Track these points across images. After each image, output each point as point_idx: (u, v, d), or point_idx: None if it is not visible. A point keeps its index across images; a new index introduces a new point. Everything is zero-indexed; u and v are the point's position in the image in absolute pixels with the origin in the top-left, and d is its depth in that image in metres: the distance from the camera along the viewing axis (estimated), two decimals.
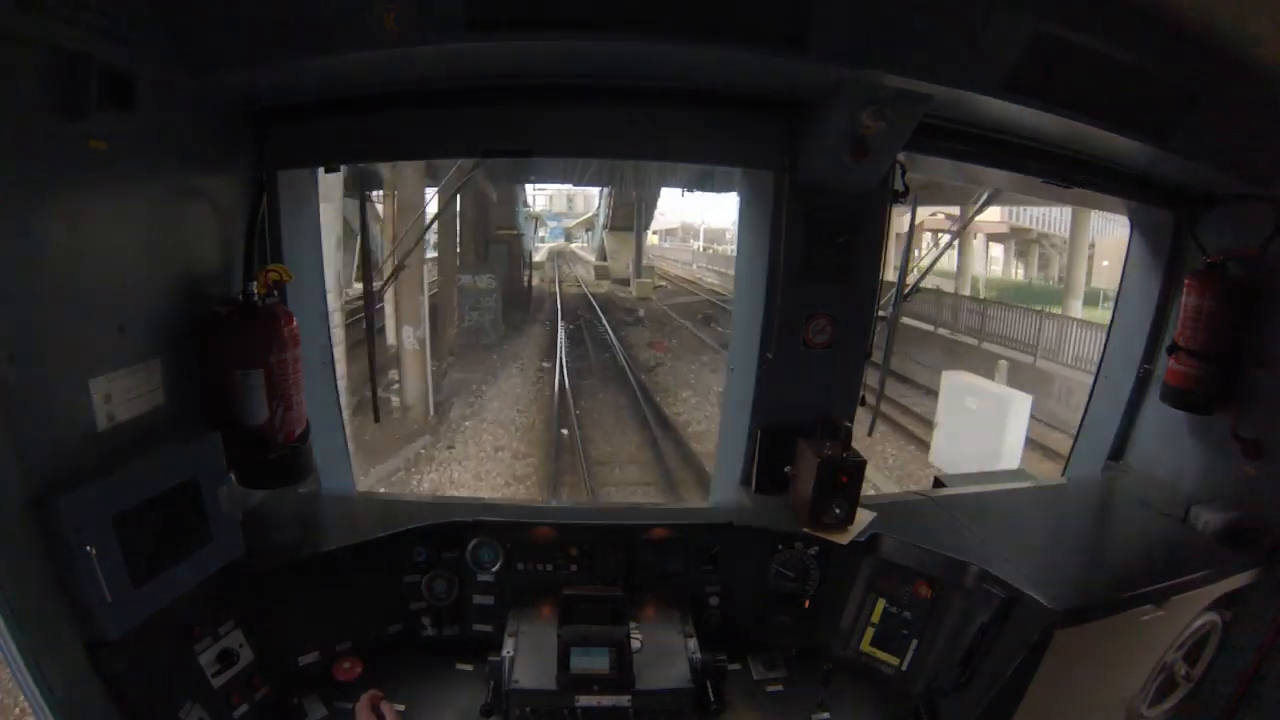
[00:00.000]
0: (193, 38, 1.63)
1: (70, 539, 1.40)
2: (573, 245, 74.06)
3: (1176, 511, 2.46)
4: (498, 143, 2.23)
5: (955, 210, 21.48)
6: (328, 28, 1.62)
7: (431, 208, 13.02)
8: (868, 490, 2.34)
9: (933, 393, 13.81)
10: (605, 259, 45.76)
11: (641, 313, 26.38)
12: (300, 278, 2.18)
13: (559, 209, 76.97)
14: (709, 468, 9.24)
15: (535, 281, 33.27)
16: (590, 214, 68.36)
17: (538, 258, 56.10)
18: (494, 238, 24.41)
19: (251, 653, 1.91)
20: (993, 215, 28.84)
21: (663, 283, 39.74)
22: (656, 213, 45.86)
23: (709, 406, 13.63)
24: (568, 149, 2.30)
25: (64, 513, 1.39)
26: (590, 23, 1.65)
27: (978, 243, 29.78)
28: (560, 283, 37.42)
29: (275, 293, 1.96)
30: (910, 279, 3.02)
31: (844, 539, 2.22)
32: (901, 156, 2.20)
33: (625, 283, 37.75)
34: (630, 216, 39.27)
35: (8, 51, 1.29)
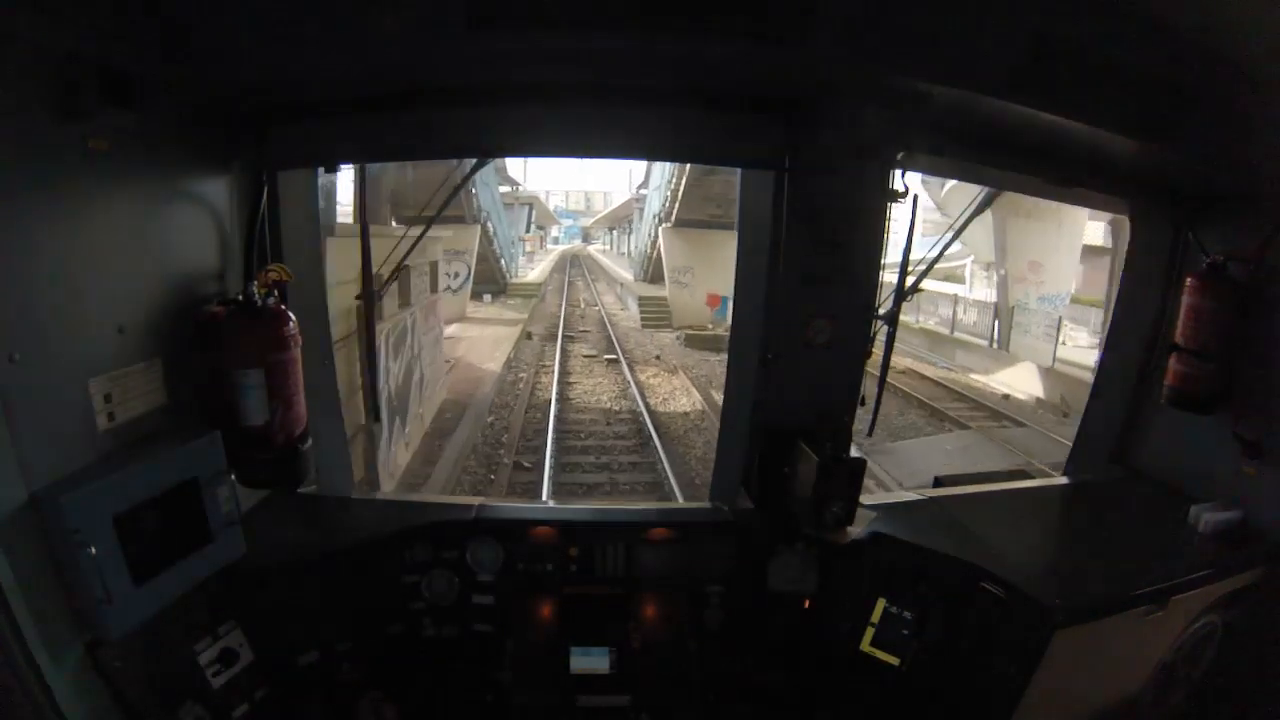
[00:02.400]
0: (192, 37, 1.63)
1: (70, 539, 1.40)
2: (591, 248, 69.00)
3: (1176, 511, 2.46)
4: (497, 142, 2.23)
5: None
6: (328, 28, 1.61)
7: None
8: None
9: None
10: (663, 280, 23.46)
11: None
12: (300, 278, 2.18)
13: (576, 206, 74.35)
14: None
15: (505, 355, 14.84)
16: (610, 210, 54.47)
17: (533, 275, 33.93)
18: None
19: (251, 653, 1.91)
20: None
21: None
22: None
23: None
24: (568, 148, 2.30)
25: (64, 513, 1.39)
26: (591, 21, 1.65)
27: None
28: (567, 341, 17.92)
29: (275, 293, 1.96)
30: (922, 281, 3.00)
31: (844, 539, 2.22)
32: (901, 156, 2.20)
33: (716, 348, 16.95)
34: (723, 198, 18.84)
35: (8, 51, 1.29)
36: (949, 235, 2.78)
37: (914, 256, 2.38)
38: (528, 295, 28.01)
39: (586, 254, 62.17)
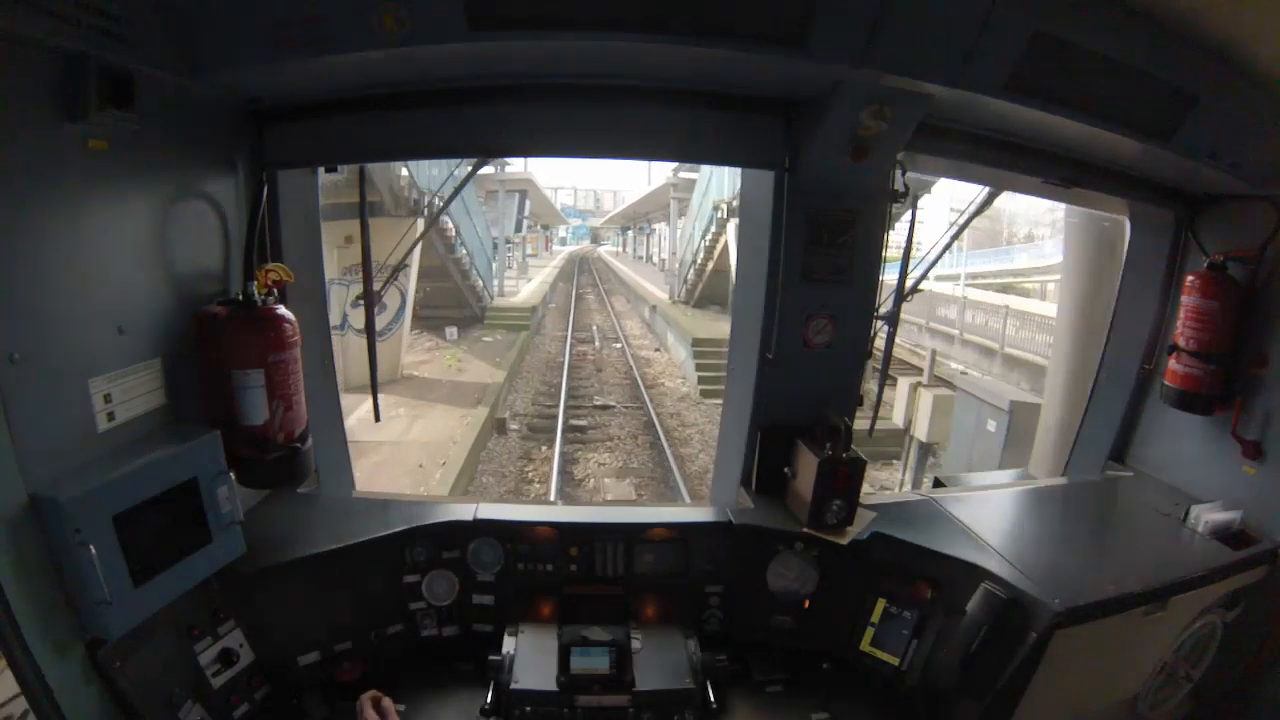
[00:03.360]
0: (193, 38, 1.64)
1: (70, 539, 1.40)
2: (602, 249, 66.32)
3: (1176, 512, 2.46)
4: (498, 142, 2.23)
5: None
6: (328, 28, 1.61)
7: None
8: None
9: None
10: (725, 304, 17.56)
11: None
12: (300, 278, 2.18)
13: (585, 205, 72.54)
14: None
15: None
16: (624, 208, 46.01)
17: (526, 293, 24.52)
18: None
19: (251, 653, 1.91)
20: None
21: None
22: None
23: None
24: (569, 148, 2.30)
25: (64, 513, 1.39)
26: (591, 23, 1.65)
27: None
28: (573, 444, 10.18)
29: (275, 293, 1.96)
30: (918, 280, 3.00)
31: (844, 539, 2.22)
32: (901, 156, 2.20)
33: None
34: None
35: (8, 51, 1.29)
36: (949, 235, 2.78)
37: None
38: (516, 326, 18.24)
39: (597, 257, 59.53)
